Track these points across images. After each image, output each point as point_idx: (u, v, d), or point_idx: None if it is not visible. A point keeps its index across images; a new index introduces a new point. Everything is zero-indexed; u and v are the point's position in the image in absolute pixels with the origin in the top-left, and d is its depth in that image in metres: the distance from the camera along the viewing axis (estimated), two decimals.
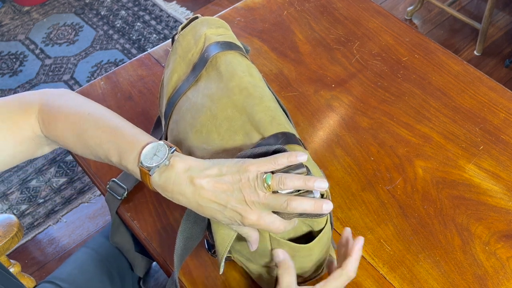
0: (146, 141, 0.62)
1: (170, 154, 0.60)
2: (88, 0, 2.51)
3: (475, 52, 2.22)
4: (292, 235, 0.63)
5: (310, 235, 0.64)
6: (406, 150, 0.89)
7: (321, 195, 0.59)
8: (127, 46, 2.29)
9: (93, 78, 2.17)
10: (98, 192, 1.82)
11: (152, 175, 0.60)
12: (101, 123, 0.66)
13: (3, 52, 2.30)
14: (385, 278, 0.75)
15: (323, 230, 0.64)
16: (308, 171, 0.58)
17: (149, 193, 0.86)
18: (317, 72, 1.01)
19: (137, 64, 1.06)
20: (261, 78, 0.74)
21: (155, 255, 0.80)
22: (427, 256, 0.77)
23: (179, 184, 0.59)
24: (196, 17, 0.79)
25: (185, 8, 2.45)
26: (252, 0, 1.15)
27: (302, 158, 0.58)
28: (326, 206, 0.56)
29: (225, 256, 0.63)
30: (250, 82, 0.70)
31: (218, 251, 0.63)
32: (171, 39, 0.82)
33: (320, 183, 0.56)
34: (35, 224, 1.76)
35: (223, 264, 0.62)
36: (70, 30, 2.37)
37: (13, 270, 0.99)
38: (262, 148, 0.61)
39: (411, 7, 2.35)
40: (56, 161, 1.91)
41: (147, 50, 1.23)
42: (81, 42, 2.32)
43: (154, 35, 2.33)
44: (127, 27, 2.37)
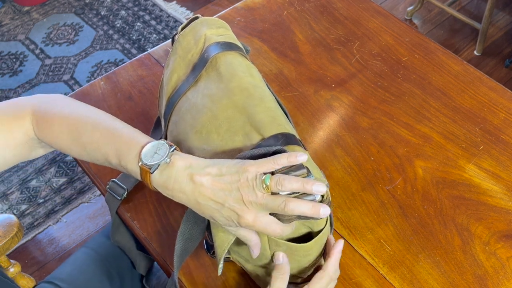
0: (146, 141, 0.62)
1: (171, 153, 0.60)
2: (88, 0, 2.51)
3: (475, 52, 2.22)
4: (291, 236, 0.63)
5: (309, 236, 0.64)
6: (406, 150, 0.89)
7: (321, 197, 0.59)
8: (127, 46, 2.29)
9: (93, 78, 2.17)
10: (98, 192, 1.82)
11: (153, 173, 0.60)
12: (98, 126, 0.66)
13: (3, 52, 2.30)
14: (385, 278, 0.75)
15: (322, 231, 0.64)
16: (309, 172, 0.58)
17: (149, 193, 0.86)
18: (317, 72, 1.01)
19: (137, 64, 1.06)
20: (261, 79, 0.74)
21: (155, 255, 0.80)
22: (427, 256, 0.77)
23: (180, 182, 0.59)
24: (196, 17, 0.79)
25: (185, 8, 2.45)
26: (252, 0, 1.15)
27: (302, 158, 0.57)
28: (323, 211, 0.56)
29: (224, 257, 0.63)
30: (251, 83, 0.70)
31: (217, 253, 0.63)
32: (171, 39, 0.82)
33: (318, 187, 0.56)
34: (35, 224, 1.76)
35: (222, 266, 0.62)
36: (70, 30, 2.37)
37: (13, 270, 0.99)
38: (262, 149, 0.61)
39: (411, 7, 2.35)
40: (56, 161, 1.91)
41: (147, 50, 1.23)
42: (81, 42, 2.32)
43: (154, 35, 2.33)
44: (127, 27, 2.37)
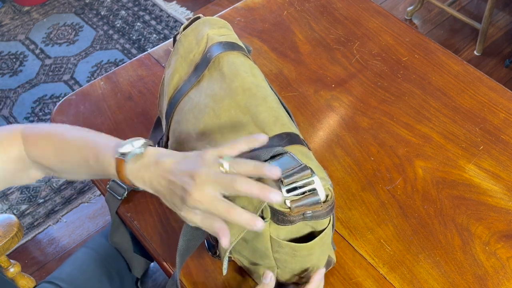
0: (122, 140, 0.63)
1: (146, 143, 0.61)
2: (88, 0, 2.51)
3: (475, 52, 2.22)
4: (294, 236, 0.63)
5: (312, 235, 0.64)
6: (406, 150, 0.89)
7: (326, 196, 0.59)
8: (127, 46, 2.29)
9: (93, 78, 2.17)
10: (98, 192, 1.82)
11: (126, 162, 0.60)
12: (78, 133, 0.68)
13: (3, 52, 2.29)
14: (385, 278, 0.75)
15: (325, 231, 0.64)
16: (313, 173, 0.58)
17: (150, 193, 0.85)
18: (317, 72, 1.01)
19: (137, 64, 1.06)
20: (264, 79, 0.74)
21: (155, 255, 0.80)
22: (427, 256, 0.77)
23: (147, 168, 0.59)
24: (198, 17, 0.79)
25: (185, 8, 2.45)
26: (252, 0, 1.15)
27: (262, 138, 0.57)
28: (273, 196, 0.52)
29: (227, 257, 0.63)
30: (253, 83, 0.70)
31: (221, 252, 0.63)
32: (173, 39, 0.82)
33: (271, 169, 0.53)
34: (35, 224, 1.76)
35: (226, 266, 0.62)
36: (70, 30, 2.37)
37: (13, 270, 0.99)
38: (262, 150, 0.60)
39: (411, 7, 2.35)
40: None
41: (147, 50, 1.23)
42: (81, 42, 2.32)
43: (154, 35, 2.33)
44: (127, 27, 2.37)
